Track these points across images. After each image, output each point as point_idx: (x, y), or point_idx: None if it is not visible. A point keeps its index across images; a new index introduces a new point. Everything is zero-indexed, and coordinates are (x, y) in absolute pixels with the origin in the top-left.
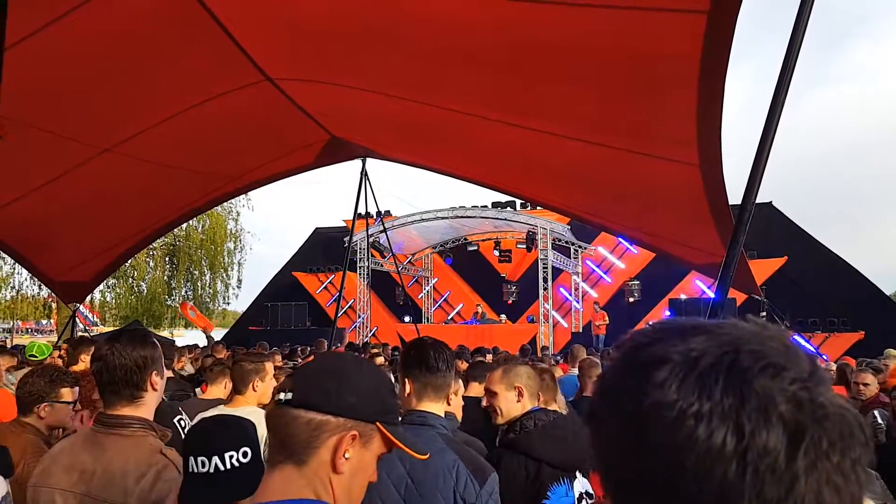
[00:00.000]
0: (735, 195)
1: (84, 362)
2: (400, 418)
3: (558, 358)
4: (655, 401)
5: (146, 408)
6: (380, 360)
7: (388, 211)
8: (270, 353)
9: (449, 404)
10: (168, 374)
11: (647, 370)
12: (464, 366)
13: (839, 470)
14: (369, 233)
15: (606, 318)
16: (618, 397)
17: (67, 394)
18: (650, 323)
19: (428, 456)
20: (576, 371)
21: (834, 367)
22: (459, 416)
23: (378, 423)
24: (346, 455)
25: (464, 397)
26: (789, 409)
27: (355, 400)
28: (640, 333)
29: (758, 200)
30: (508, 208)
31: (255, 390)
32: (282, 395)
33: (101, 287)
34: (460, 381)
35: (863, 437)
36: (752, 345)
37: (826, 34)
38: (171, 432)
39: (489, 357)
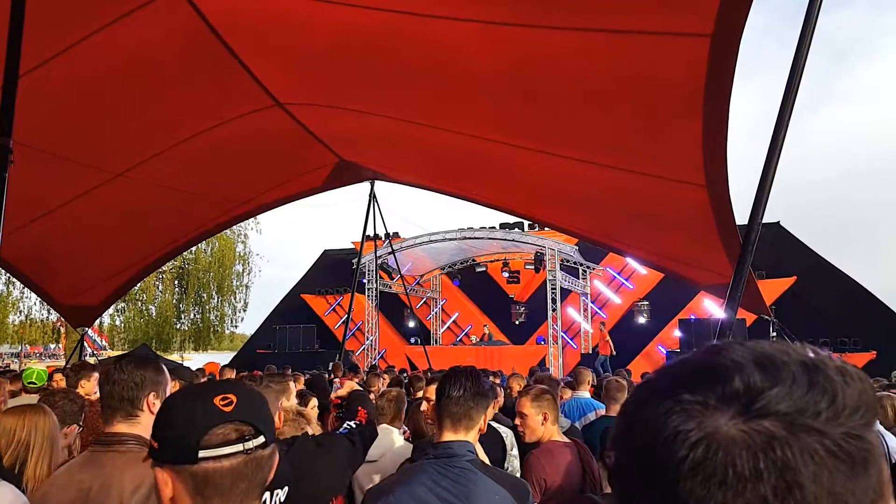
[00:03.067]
0: (743, 215)
1: (83, 388)
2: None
3: (569, 379)
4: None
5: (142, 427)
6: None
7: (397, 232)
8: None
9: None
10: None
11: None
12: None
13: None
14: (378, 254)
15: (608, 338)
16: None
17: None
18: (677, 362)
19: None
20: (583, 393)
21: None
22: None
23: None
24: None
25: None
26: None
27: None
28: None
29: (765, 220)
30: (516, 229)
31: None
32: (253, 442)
33: (109, 311)
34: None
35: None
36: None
37: (834, 53)
38: None
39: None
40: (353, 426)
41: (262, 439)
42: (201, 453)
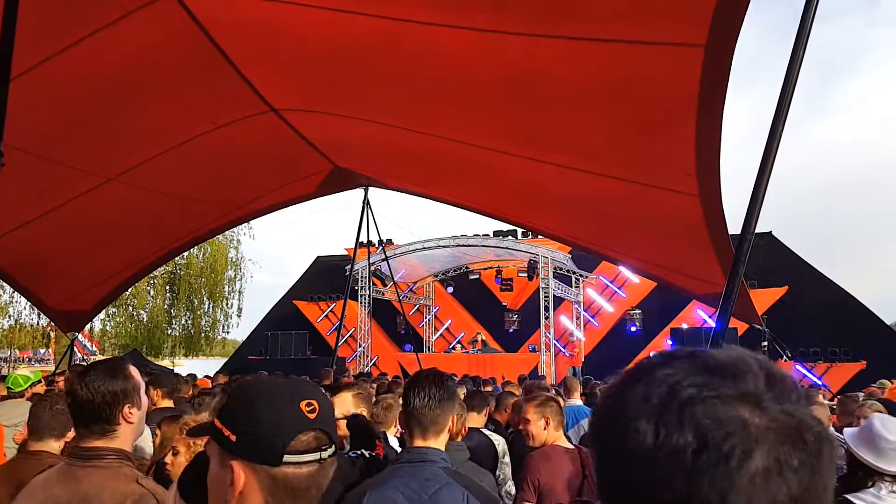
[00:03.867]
0: (735, 225)
1: None
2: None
3: (558, 388)
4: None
5: (121, 440)
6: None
7: (390, 239)
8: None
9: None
10: (169, 403)
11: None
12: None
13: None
14: (371, 261)
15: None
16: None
17: None
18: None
19: None
20: (575, 401)
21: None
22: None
23: None
24: None
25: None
26: (701, 417)
27: None
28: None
29: (757, 230)
30: (510, 237)
31: None
32: (328, 451)
33: (100, 316)
34: (465, 412)
35: (751, 447)
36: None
37: (826, 65)
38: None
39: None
40: (367, 456)
41: (333, 448)
42: (286, 458)
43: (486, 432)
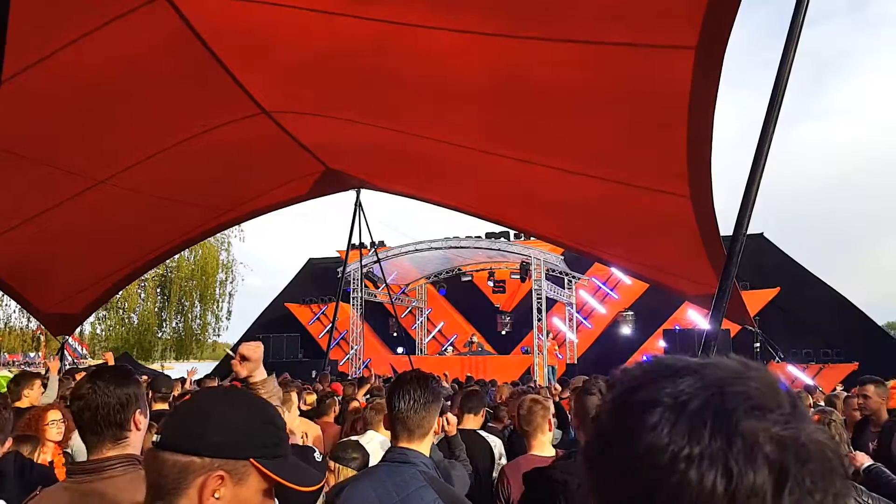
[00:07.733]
0: (727, 226)
1: (28, 397)
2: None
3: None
4: (649, 444)
5: (132, 447)
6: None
7: (382, 241)
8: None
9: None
10: (164, 406)
11: (640, 414)
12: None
13: None
14: (363, 263)
15: (555, 346)
16: (613, 441)
17: None
18: (637, 363)
19: (315, 487)
20: None
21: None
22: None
23: (252, 460)
24: (216, 495)
25: (459, 430)
26: (774, 449)
27: (221, 439)
28: (629, 376)
29: (749, 232)
30: (502, 239)
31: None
32: (154, 438)
33: (91, 319)
34: (449, 414)
35: (842, 471)
36: (737, 385)
37: (817, 67)
38: None
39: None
40: None
41: (156, 438)
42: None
43: (483, 434)
